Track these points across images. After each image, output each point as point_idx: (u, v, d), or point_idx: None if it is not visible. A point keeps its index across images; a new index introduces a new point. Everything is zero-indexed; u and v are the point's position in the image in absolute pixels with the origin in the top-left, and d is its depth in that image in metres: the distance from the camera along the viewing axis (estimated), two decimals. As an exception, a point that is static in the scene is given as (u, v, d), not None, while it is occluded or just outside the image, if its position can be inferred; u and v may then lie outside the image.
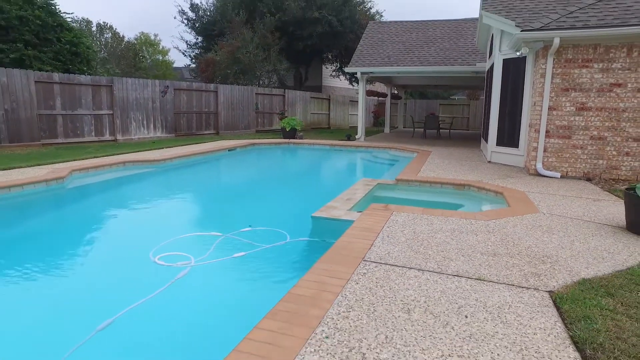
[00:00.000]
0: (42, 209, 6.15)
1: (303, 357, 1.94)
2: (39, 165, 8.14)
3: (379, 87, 33.08)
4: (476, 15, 17.02)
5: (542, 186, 6.49)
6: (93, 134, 13.10)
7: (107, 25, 37.65)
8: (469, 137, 17.75)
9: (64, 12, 16.41)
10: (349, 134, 16.12)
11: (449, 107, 29.14)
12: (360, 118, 15.29)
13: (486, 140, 10.22)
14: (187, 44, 26.81)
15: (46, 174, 7.02)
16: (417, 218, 4.45)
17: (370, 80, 17.98)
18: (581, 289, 2.69)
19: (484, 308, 2.47)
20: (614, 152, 6.99)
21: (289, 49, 22.02)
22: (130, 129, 14.13)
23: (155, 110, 14.91)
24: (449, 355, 1.99)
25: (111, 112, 13.52)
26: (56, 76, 12.09)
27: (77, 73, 15.41)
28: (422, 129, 18.39)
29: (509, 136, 8.65)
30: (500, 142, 8.95)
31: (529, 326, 2.27)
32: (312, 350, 2.00)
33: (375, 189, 6.57)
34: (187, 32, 26.47)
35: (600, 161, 7.09)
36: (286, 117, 16.64)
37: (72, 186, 7.09)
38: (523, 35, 7.06)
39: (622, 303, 2.52)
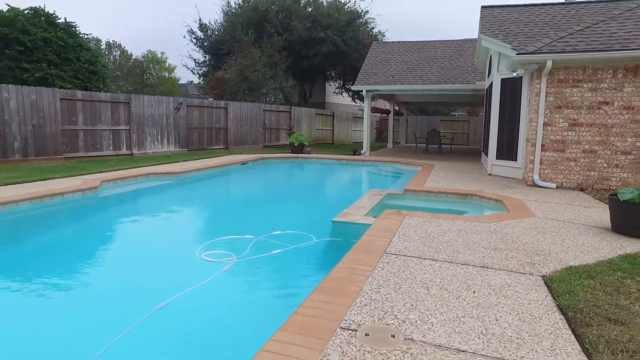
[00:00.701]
0: (85, 214, 6.72)
1: (349, 317, 2.50)
2: (71, 176, 8.74)
3: (382, 104, 33.94)
4: (473, 35, 17.87)
5: (539, 195, 7.07)
6: (111, 148, 13.76)
7: (116, 43, 38.86)
8: (470, 152, 18.40)
9: (83, 33, 17.25)
10: (355, 149, 16.77)
11: (449, 123, 29.94)
12: (365, 134, 15.97)
13: (486, 154, 10.84)
14: (195, 62, 27.76)
15: (80, 185, 7.61)
16: (427, 221, 5.02)
17: (374, 97, 18.73)
18: (568, 273, 3.26)
19: (488, 287, 3.03)
20: (605, 165, 7.60)
21: (295, 67, 22.87)
22: (145, 143, 14.79)
23: (169, 125, 15.60)
24: (462, 316, 2.55)
25: (128, 128, 14.20)
26: (79, 94, 12.81)
27: (94, 90, 16.15)
28: (425, 144, 19.05)
29: (507, 150, 9.28)
30: (499, 155, 9.57)
31: (525, 298, 2.83)
32: (355, 312, 2.56)
33: (385, 198, 7.14)
34: (196, 50, 27.30)
35: (592, 173, 7.69)
36: (294, 132, 17.32)
37: (103, 195, 7.68)
38: (519, 58, 7.75)
39: (600, 283, 3.08)
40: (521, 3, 11.11)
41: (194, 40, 26.33)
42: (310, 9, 23.06)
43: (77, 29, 16.73)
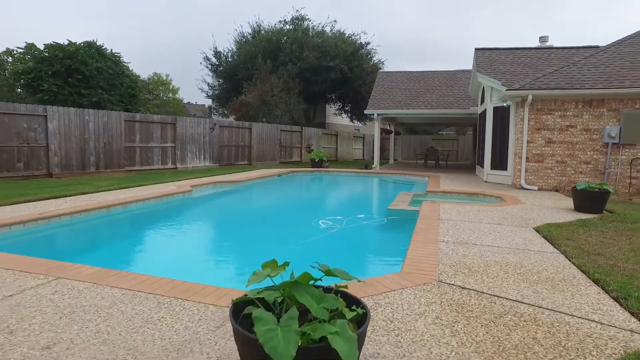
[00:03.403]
0: (207, 204, 9.03)
1: (441, 238, 4.89)
2: (155, 184, 10.93)
3: (381, 124, 36.67)
4: (464, 64, 20.83)
5: (526, 194, 9.63)
6: (160, 162, 15.94)
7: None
8: (462, 167, 21.13)
9: (125, 62, 19.58)
10: (366, 164, 19.30)
11: (440, 141, 32.86)
12: (376, 151, 18.54)
13: (482, 166, 13.46)
14: (209, 86, 30.22)
15: (177, 189, 9.83)
16: (454, 207, 7.48)
17: (371, 119, 21.43)
18: (547, 226, 5.73)
19: (504, 231, 5.47)
20: (572, 172, 10.24)
21: (306, 92, 25.51)
22: (186, 159, 17.02)
23: (205, 143, 17.88)
24: (494, 239, 4.97)
25: (174, 145, 16.44)
26: (137, 116, 15.06)
27: (133, 112, 18.39)
28: (423, 160, 21.73)
29: (500, 162, 11.89)
30: (493, 166, 12.18)
31: (525, 234, 5.28)
32: (443, 238, 4.96)
33: (414, 197, 9.59)
34: (209, 75, 29.79)
35: (564, 178, 10.32)
36: (312, 150, 19.77)
37: (196, 196, 9.92)
38: (508, 93, 10.43)
39: (564, 229, 5.55)
40: (505, 47, 13.99)
41: (209, 66, 28.85)
42: (319, 40, 25.89)
43: (121, 58, 19.06)
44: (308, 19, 27.32)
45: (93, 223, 6.75)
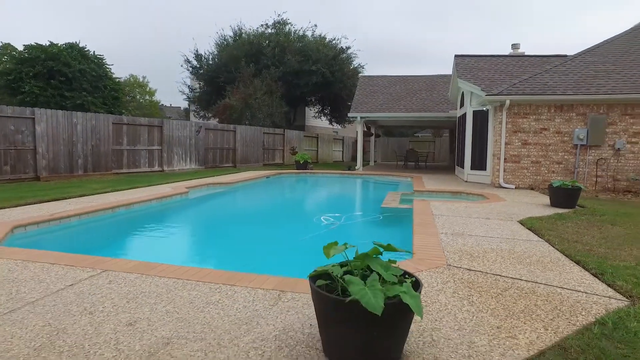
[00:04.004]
0: (204, 207, 9.25)
1: (440, 231, 5.42)
2: (148, 186, 11.08)
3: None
4: (444, 67, 21.73)
5: (505, 192, 10.37)
6: (147, 165, 15.97)
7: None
8: (439, 167, 22.02)
9: (107, 64, 19.44)
10: (349, 165, 19.85)
11: (417, 143, 33.86)
12: (359, 153, 19.13)
13: (462, 167, 14.23)
14: (190, 89, 30.14)
15: (173, 190, 10.04)
16: (444, 204, 8.07)
17: (350, 121, 21.96)
18: (529, 219, 6.38)
19: (489, 224, 6.07)
20: (546, 171, 11.09)
21: (288, 95, 25.88)
22: (173, 161, 17.09)
23: (191, 146, 17.98)
24: (486, 230, 5.54)
25: (160, 148, 16.49)
26: (125, 118, 15.07)
27: (117, 114, 18.29)
28: (403, 162, 22.49)
29: (479, 163, 12.66)
30: (473, 167, 12.95)
31: (511, 226, 5.89)
32: (441, 230, 5.49)
33: (402, 196, 10.16)
34: (190, 77, 29.74)
35: (538, 177, 11.16)
36: (296, 152, 20.17)
37: (192, 197, 10.16)
38: (488, 98, 11.18)
39: (545, 222, 6.21)
40: (483, 54, 14.85)
41: (190, 69, 28.80)
42: (300, 44, 26.34)
43: (104, 60, 18.92)
44: (290, 23, 27.75)
45: (104, 223, 6.96)
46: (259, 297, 3.07)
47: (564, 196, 7.64)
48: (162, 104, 54.63)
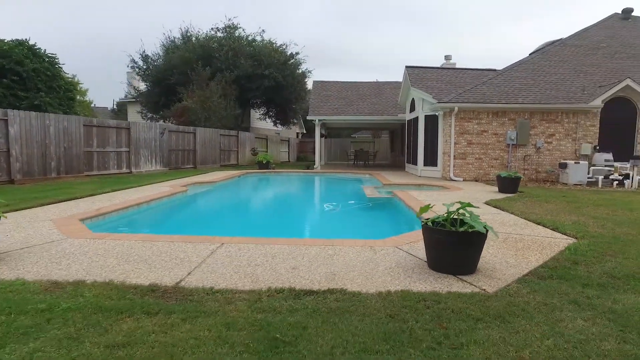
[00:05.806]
0: (209, 201, 10.15)
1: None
2: (142, 186, 11.60)
3: (299, 129, 39.03)
4: (392, 74, 24.13)
5: (457, 184, 12.61)
6: (116, 167, 16.04)
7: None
8: (384, 165, 24.41)
9: (60, 64, 18.83)
10: (308, 164, 21.34)
11: (359, 144, 36.38)
12: (317, 152, 20.71)
13: (414, 164, 16.46)
14: (135, 90, 29.46)
15: (172, 188, 10.76)
16: (419, 193, 9.93)
17: (295, 123, 23.58)
18: (491, 201, 8.42)
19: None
20: (486, 166, 13.59)
21: (240, 98, 26.64)
22: (140, 163, 17.24)
23: (156, 148, 18.22)
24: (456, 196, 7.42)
25: (128, 150, 16.61)
26: (95, 120, 15.09)
27: (72, 115, 17.88)
28: (353, 160, 24.55)
29: (431, 160, 14.91)
30: (426, 163, 15.18)
31: (481, 207, 7.85)
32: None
33: (377, 189, 11.93)
34: (136, 78, 29.12)
35: (480, 171, 13.62)
36: (257, 153, 21.19)
37: (191, 193, 10.97)
38: (439, 105, 13.38)
39: (502, 202, 8.29)
40: (430, 66, 17.27)
41: (137, 70, 28.21)
42: (250, 49, 27.19)
43: (57, 59, 18.34)
44: (240, 27, 28.46)
45: (145, 214, 7.80)
46: (360, 250, 4.48)
47: (509, 184, 9.91)
48: (95, 105, 51.29)
